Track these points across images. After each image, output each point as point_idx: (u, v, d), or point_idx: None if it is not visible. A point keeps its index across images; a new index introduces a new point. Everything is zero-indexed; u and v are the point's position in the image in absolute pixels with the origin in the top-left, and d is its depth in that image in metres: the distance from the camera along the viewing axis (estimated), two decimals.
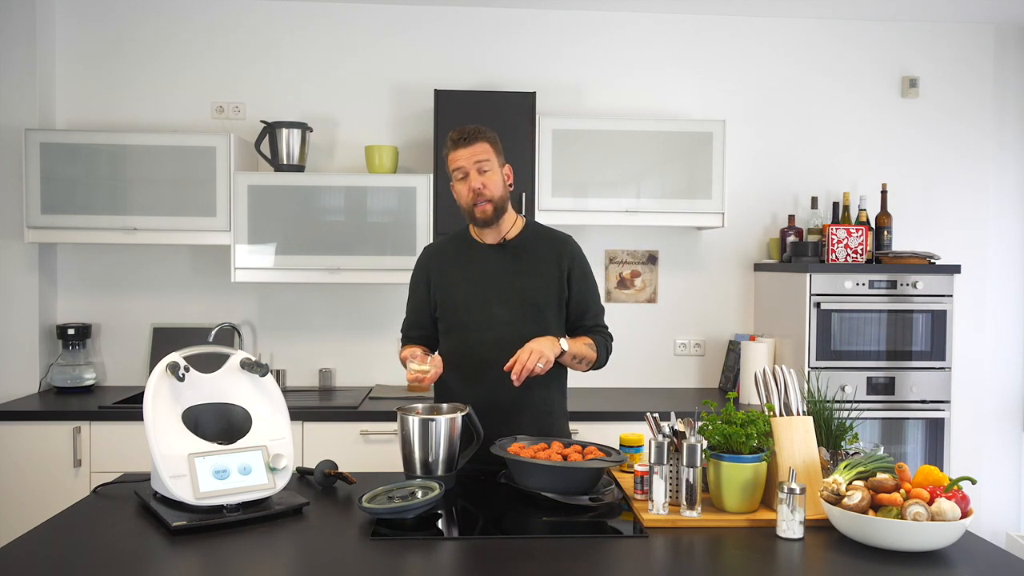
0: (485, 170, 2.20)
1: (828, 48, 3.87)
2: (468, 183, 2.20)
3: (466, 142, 2.20)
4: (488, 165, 2.20)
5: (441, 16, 3.76)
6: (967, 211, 3.91)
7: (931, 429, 3.38)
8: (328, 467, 2.04)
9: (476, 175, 2.19)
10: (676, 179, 3.49)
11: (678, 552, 1.65)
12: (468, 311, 2.25)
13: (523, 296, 2.24)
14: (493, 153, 2.23)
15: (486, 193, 2.19)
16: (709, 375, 3.89)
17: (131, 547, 1.63)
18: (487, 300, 2.24)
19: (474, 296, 2.25)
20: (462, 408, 2.08)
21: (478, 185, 2.19)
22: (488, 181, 2.20)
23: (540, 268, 2.27)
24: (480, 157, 2.19)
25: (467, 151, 2.19)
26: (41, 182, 3.31)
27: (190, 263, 3.72)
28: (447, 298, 2.29)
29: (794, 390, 1.91)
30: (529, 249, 2.29)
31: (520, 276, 2.26)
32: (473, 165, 2.19)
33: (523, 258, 2.28)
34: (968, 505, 1.64)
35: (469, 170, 2.19)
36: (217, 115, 3.71)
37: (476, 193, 2.19)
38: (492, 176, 2.21)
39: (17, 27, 3.46)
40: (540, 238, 2.33)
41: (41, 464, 3.09)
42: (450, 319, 2.28)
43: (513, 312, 2.23)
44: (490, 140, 2.23)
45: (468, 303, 2.25)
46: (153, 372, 1.85)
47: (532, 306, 2.23)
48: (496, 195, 2.21)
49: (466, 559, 1.61)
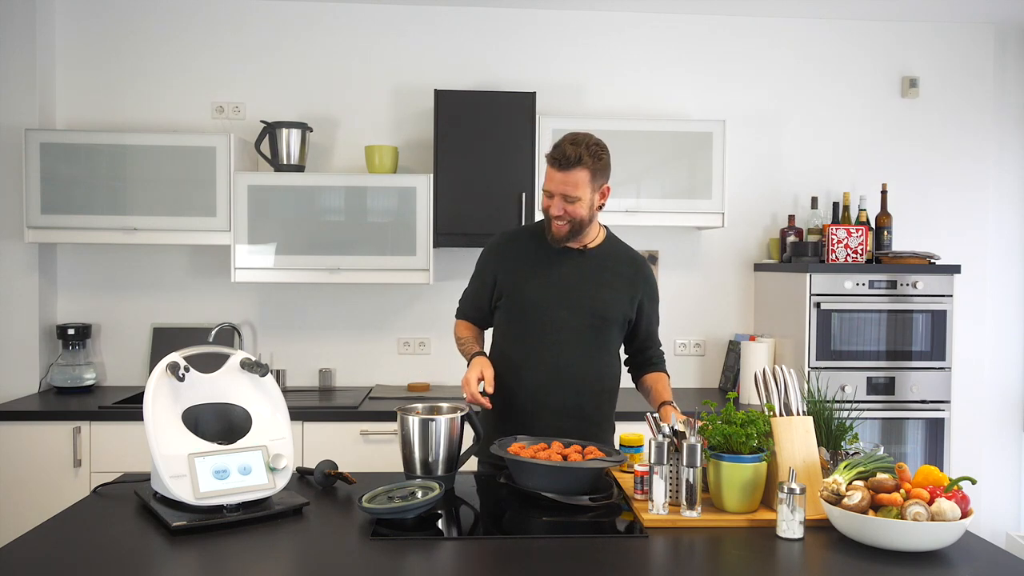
0: (571, 201, 2.12)
1: (828, 48, 3.87)
2: (551, 204, 2.14)
3: (562, 167, 2.09)
4: (574, 198, 2.11)
5: (441, 16, 3.76)
6: (967, 211, 3.91)
7: (931, 429, 3.38)
8: (328, 467, 2.04)
9: (560, 201, 2.12)
10: (676, 179, 3.49)
11: (678, 552, 1.65)
12: (536, 311, 2.22)
13: (594, 307, 2.21)
14: (588, 181, 2.11)
15: (565, 217, 2.14)
16: (709, 375, 3.89)
17: (131, 547, 1.63)
18: (558, 303, 2.20)
19: (546, 298, 2.21)
20: (462, 408, 2.08)
21: (559, 212, 2.14)
22: (572, 209, 2.13)
23: (616, 283, 2.25)
24: (570, 192, 2.10)
25: (561, 176, 2.10)
26: (41, 182, 3.31)
27: (190, 263, 3.72)
28: (516, 294, 2.24)
29: (794, 390, 1.91)
30: (609, 262, 2.27)
31: (596, 287, 2.23)
32: (560, 194, 2.11)
33: (602, 270, 2.25)
34: (968, 505, 1.64)
35: (555, 195, 2.13)
36: (217, 115, 3.71)
37: (556, 216, 2.15)
38: (576, 206, 2.13)
39: (17, 27, 3.45)
40: (620, 254, 2.31)
41: (41, 464, 3.09)
42: (515, 313, 2.25)
43: (580, 320, 2.20)
44: (590, 168, 2.11)
45: (538, 304, 2.21)
46: (153, 372, 1.85)
47: (600, 318, 2.22)
48: (577, 219, 2.15)
49: (466, 559, 1.61)
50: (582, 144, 2.10)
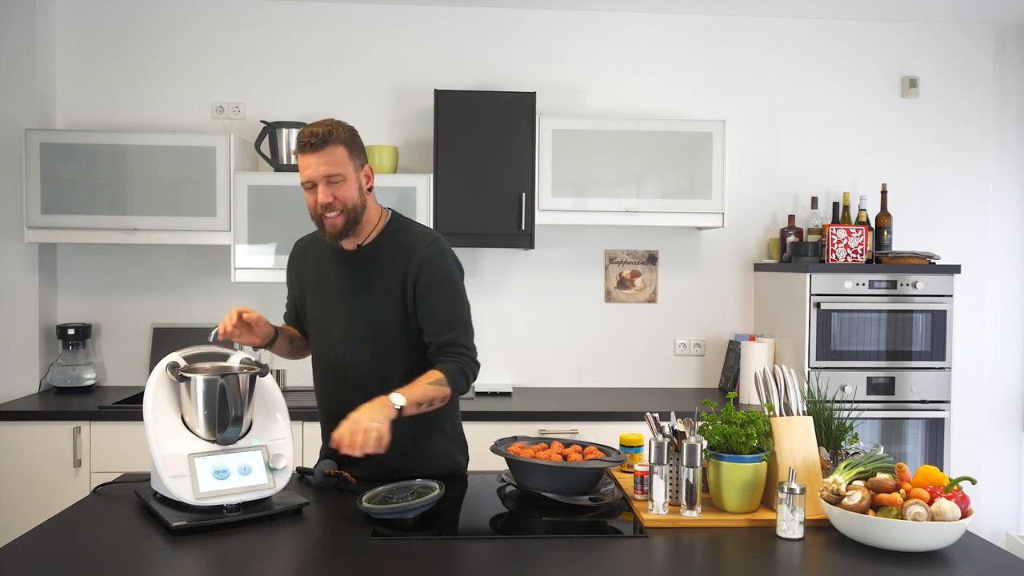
0: (336, 182, 1.94)
1: (828, 48, 3.87)
2: (315, 196, 1.94)
3: (313, 148, 1.92)
4: (340, 176, 1.94)
5: (441, 16, 3.76)
6: (967, 211, 3.91)
7: (931, 429, 3.38)
8: (328, 467, 2.04)
9: (325, 187, 1.93)
10: (676, 179, 3.49)
11: (678, 552, 1.65)
12: (317, 326, 2.11)
13: (368, 313, 2.03)
14: (348, 158, 1.95)
15: (336, 205, 1.95)
16: (709, 375, 3.89)
17: (131, 547, 1.63)
18: (331, 316, 2.07)
19: (322, 311, 2.10)
20: None
21: (327, 199, 1.94)
22: (340, 192, 1.94)
23: (385, 280, 2.03)
24: (331, 170, 1.93)
25: (315, 158, 1.92)
26: (41, 182, 3.31)
27: (190, 263, 3.72)
28: (305, 308, 2.16)
29: (794, 390, 1.91)
30: (380, 257, 2.05)
31: (364, 289, 2.04)
32: (322, 177, 1.93)
33: (371, 268, 2.04)
34: (968, 505, 1.64)
35: (317, 181, 1.93)
36: (217, 115, 3.71)
37: (325, 207, 1.95)
38: (344, 187, 1.95)
39: (17, 27, 3.45)
40: (393, 244, 2.06)
41: (41, 464, 3.09)
42: (308, 331, 2.18)
43: (358, 330, 2.04)
44: (345, 142, 1.95)
45: (317, 317, 2.11)
46: (153, 372, 1.85)
47: (377, 323, 2.03)
48: (349, 205, 1.96)
49: (466, 559, 1.61)
50: (327, 124, 1.95)
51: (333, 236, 2.00)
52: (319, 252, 2.14)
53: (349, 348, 2.07)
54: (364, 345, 2.05)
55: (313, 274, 2.14)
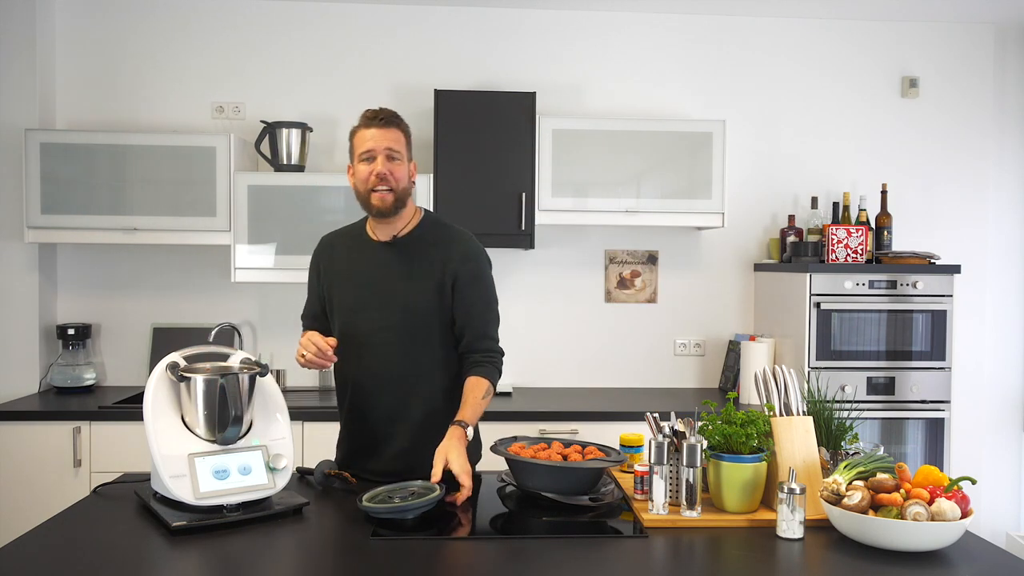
0: (395, 158, 2.06)
1: (828, 48, 3.87)
2: (373, 167, 2.04)
3: (382, 123, 2.05)
4: (399, 155, 2.06)
5: (441, 16, 3.76)
6: (967, 211, 3.91)
7: (931, 429, 3.38)
8: (328, 467, 2.04)
9: (384, 160, 2.04)
10: (676, 179, 3.49)
11: (678, 552, 1.65)
12: (351, 315, 2.12)
13: (403, 302, 2.08)
14: (405, 145, 2.10)
15: (390, 181, 2.04)
16: (709, 375, 3.89)
17: (131, 547, 1.63)
18: (368, 305, 2.10)
19: (357, 300, 2.12)
20: None
21: (384, 171, 2.03)
22: (395, 170, 2.05)
23: (423, 270, 2.09)
24: (394, 145, 2.05)
25: (380, 133, 2.04)
26: (41, 182, 3.31)
27: (190, 263, 3.71)
28: (332, 298, 2.17)
29: (794, 390, 1.91)
30: (418, 249, 2.12)
31: (402, 279, 2.09)
32: (383, 149, 2.04)
33: (410, 259, 2.11)
34: (968, 505, 1.64)
35: (378, 153, 2.04)
36: (217, 115, 3.71)
37: (380, 178, 2.03)
38: (400, 166, 2.07)
39: (17, 27, 3.45)
40: (432, 236, 2.14)
41: (41, 464, 3.09)
42: (335, 319, 2.18)
43: (391, 318, 2.08)
44: (405, 130, 2.11)
45: (352, 307, 2.13)
46: (153, 372, 1.85)
47: (410, 313, 2.08)
48: (400, 187, 2.07)
49: (466, 559, 1.61)
50: (392, 110, 2.11)
51: (380, 210, 2.07)
52: (349, 245, 2.20)
53: (381, 335, 2.10)
54: (397, 332, 2.09)
55: (343, 265, 2.18)
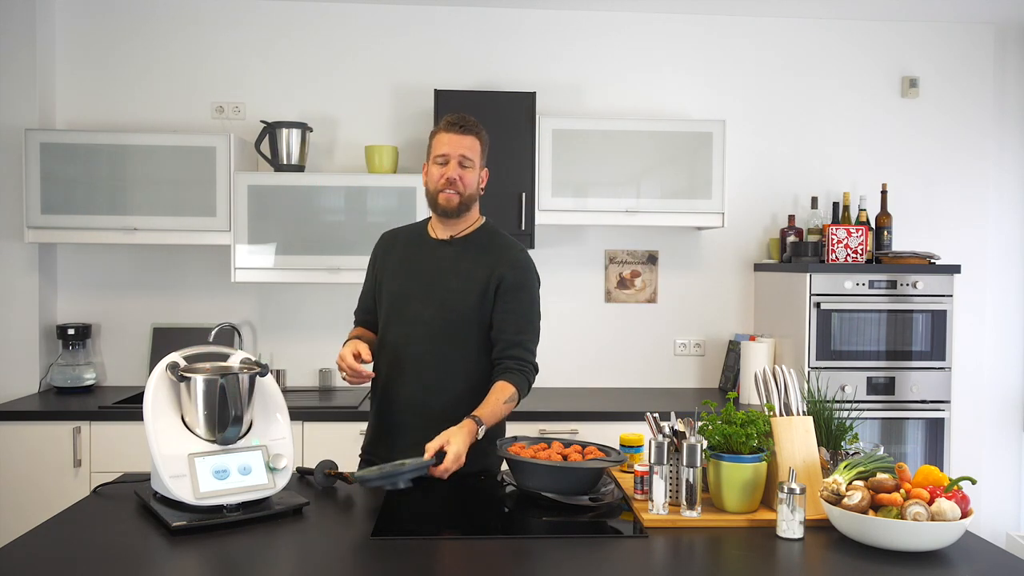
0: (467, 166, 2.13)
1: (828, 48, 3.87)
2: (445, 170, 2.12)
3: (461, 130, 2.13)
4: (471, 163, 2.14)
5: (441, 16, 3.76)
6: (967, 211, 3.91)
7: (931, 429, 3.38)
8: (328, 467, 2.04)
9: (456, 166, 2.12)
10: (676, 179, 3.49)
11: (678, 552, 1.65)
12: (394, 303, 2.19)
13: (445, 298, 2.14)
14: (479, 153, 2.16)
15: (458, 186, 2.12)
16: (709, 375, 3.89)
17: (131, 547, 1.63)
18: (412, 295, 2.17)
19: (405, 289, 2.18)
20: None
21: (454, 176, 2.11)
22: (466, 176, 2.13)
23: (472, 272, 2.15)
24: (467, 152, 2.12)
25: (458, 139, 2.13)
26: (41, 182, 3.31)
27: (190, 263, 3.72)
28: (383, 287, 2.24)
29: (794, 390, 1.91)
30: (471, 250, 2.19)
31: (450, 275, 2.16)
32: (457, 155, 2.12)
33: (462, 258, 2.17)
34: (968, 505, 1.64)
35: (452, 158, 2.12)
36: (217, 115, 3.71)
37: (449, 182, 2.12)
38: (470, 173, 2.14)
39: (17, 27, 3.45)
40: (488, 242, 2.21)
41: (41, 464, 3.09)
42: (382, 306, 2.24)
43: (431, 312, 2.14)
44: (482, 140, 2.18)
45: (398, 294, 2.19)
46: (153, 372, 1.84)
47: (450, 310, 2.13)
48: (467, 192, 2.14)
49: (466, 559, 1.61)
50: (474, 119, 2.17)
51: (445, 211, 2.15)
52: (407, 241, 2.27)
53: (417, 328, 2.15)
54: (433, 326, 2.14)
55: (398, 257, 2.25)
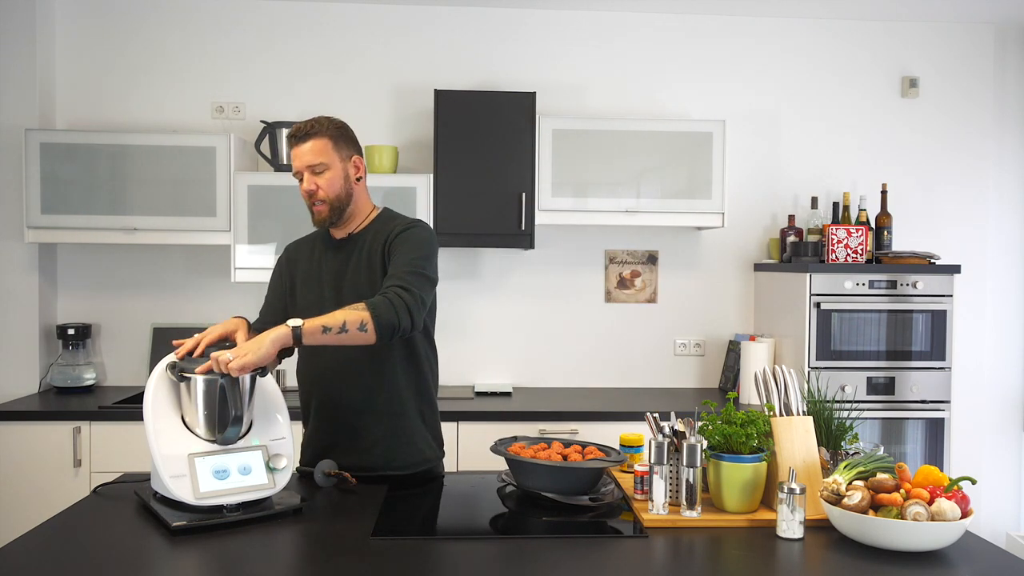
0: (319, 171, 2.05)
1: (828, 48, 3.87)
2: (303, 186, 2.06)
3: (300, 140, 2.05)
4: (322, 166, 2.04)
5: (441, 16, 3.76)
6: (967, 211, 3.91)
7: (931, 429, 3.38)
8: (328, 467, 2.04)
9: (309, 176, 2.05)
10: (676, 179, 3.49)
11: (678, 552, 1.65)
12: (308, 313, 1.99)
13: (356, 292, 2.06)
14: (331, 149, 2.06)
15: (319, 195, 2.06)
16: (709, 375, 3.89)
17: (131, 547, 1.63)
18: (322, 302, 2.09)
19: (313, 298, 2.12)
20: None
21: (311, 187, 2.05)
22: (323, 182, 2.05)
23: (370, 260, 2.09)
24: (313, 160, 2.04)
25: (299, 150, 2.05)
26: (41, 182, 3.31)
27: (190, 263, 3.72)
28: (296, 300, 2.17)
29: (794, 390, 1.91)
30: (368, 242, 2.11)
31: (352, 273, 2.10)
32: (305, 167, 2.05)
33: (360, 252, 2.11)
34: (968, 505, 1.64)
35: (302, 171, 2.06)
36: (217, 115, 3.71)
37: (309, 195, 2.06)
38: (328, 176, 2.05)
39: (17, 27, 3.45)
40: (382, 229, 2.12)
41: (41, 464, 3.09)
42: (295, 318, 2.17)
43: None
44: (329, 134, 2.06)
45: (308, 305, 2.12)
46: (153, 372, 1.85)
47: None
48: (332, 195, 2.06)
49: (466, 559, 1.61)
50: (314, 119, 2.08)
51: (319, 222, 2.11)
52: (311, 248, 2.22)
53: None
54: None
55: (304, 267, 2.20)
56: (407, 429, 2.13)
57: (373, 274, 2.08)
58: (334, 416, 2.13)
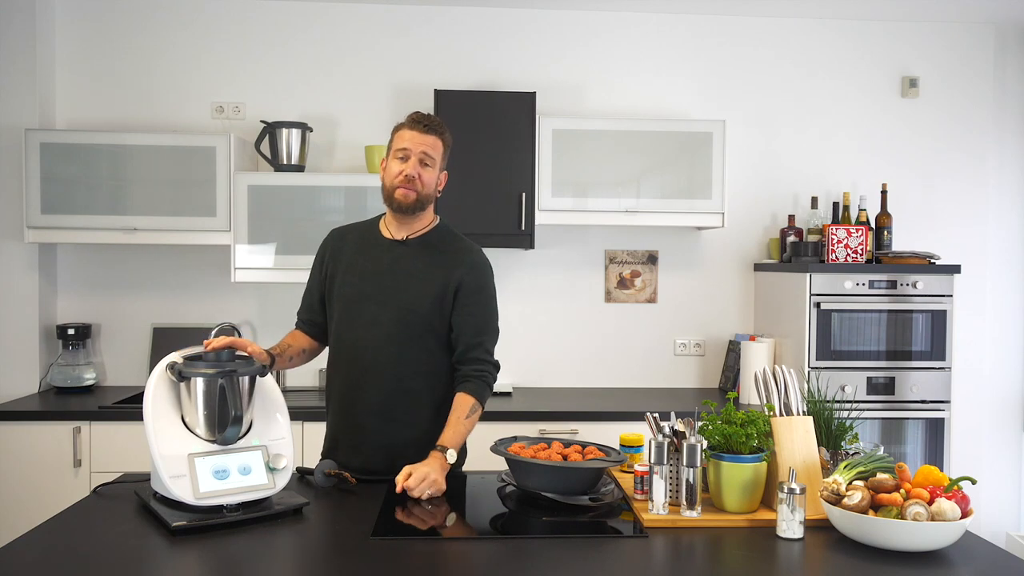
0: (427, 164, 2.10)
1: (828, 48, 3.87)
2: (404, 166, 2.08)
3: (426, 129, 2.10)
4: (431, 162, 2.10)
5: (441, 16, 3.76)
6: (967, 211, 3.91)
7: (931, 429, 3.38)
8: (328, 467, 2.04)
9: (415, 162, 2.08)
10: (676, 179, 3.49)
11: (678, 552, 1.65)
12: (349, 305, 2.14)
13: (402, 299, 2.10)
14: (441, 154, 2.14)
15: (416, 183, 2.08)
16: (709, 375, 3.89)
17: (131, 547, 1.63)
18: (368, 298, 2.12)
19: (358, 292, 2.14)
20: None
21: (413, 172, 2.08)
22: (426, 175, 2.10)
23: (429, 272, 2.12)
24: (429, 150, 2.09)
25: (421, 137, 2.09)
26: (41, 182, 3.31)
27: (190, 263, 3.71)
28: (333, 288, 2.19)
29: (794, 390, 1.91)
30: (427, 251, 2.15)
31: (407, 277, 2.12)
32: (419, 152, 2.08)
33: (418, 260, 2.14)
34: (968, 505, 1.64)
35: (413, 154, 2.08)
36: (217, 115, 3.71)
37: (407, 178, 2.08)
38: (430, 172, 2.11)
39: (17, 27, 3.45)
40: (443, 243, 2.18)
41: (41, 464, 3.09)
42: (332, 308, 2.19)
43: (388, 313, 2.11)
44: (445, 141, 2.15)
45: (351, 297, 2.14)
46: (153, 372, 1.84)
47: (407, 311, 2.10)
48: (424, 190, 2.10)
49: (466, 559, 1.61)
50: (441, 121, 2.15)
51: (400, 206, 2.11)
52: (358, 239, 2.23)
53: (373, 330, 2.11)
54: (389, 328, 2.10)
55: (349, 256, 2.20)
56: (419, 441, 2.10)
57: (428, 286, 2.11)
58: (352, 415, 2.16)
